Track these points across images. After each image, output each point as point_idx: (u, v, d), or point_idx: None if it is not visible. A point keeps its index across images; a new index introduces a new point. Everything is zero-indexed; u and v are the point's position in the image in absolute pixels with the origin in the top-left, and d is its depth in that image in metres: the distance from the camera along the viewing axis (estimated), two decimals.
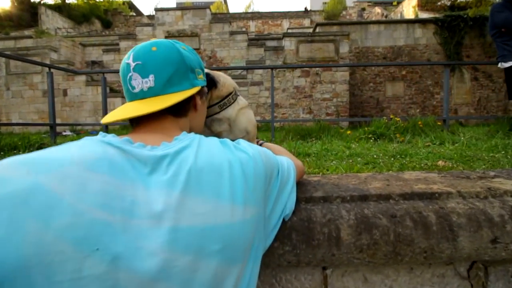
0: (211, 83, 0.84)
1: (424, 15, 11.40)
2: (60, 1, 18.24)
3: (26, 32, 12.31)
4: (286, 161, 0.70)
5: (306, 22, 18.30)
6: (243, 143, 0.59)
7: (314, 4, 28.34)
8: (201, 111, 0.70)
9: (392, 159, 1.71)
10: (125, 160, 0.44)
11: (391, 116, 3.31)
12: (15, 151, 2.50)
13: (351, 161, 1.65)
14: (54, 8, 16.80)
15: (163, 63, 0.57)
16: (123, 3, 21.68)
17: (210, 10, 11.23)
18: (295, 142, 2.76)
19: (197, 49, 10.63)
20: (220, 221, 0.45)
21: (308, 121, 3.85)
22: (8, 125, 7.71)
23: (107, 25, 18.48)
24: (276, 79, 8.83)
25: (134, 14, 20.88)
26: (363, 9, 19.30)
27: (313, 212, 0.77)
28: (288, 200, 0.67)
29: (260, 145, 1.00)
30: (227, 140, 0.57)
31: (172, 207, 0.42)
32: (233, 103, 0.95)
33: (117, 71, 3.82)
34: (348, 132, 3.33)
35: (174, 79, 0.57)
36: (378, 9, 17.06)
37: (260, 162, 0.54)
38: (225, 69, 9.65)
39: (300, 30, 13.76)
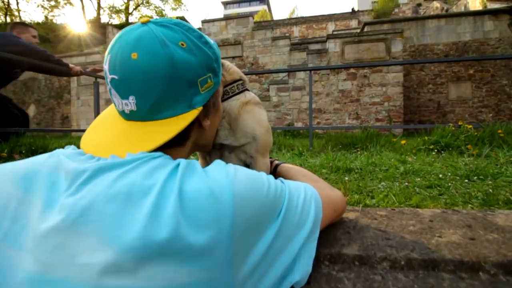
0: None
1: (494, 5, 9.81)
2: (124, 21, 20.48)
3: (96, 49, 13.94)
4: (303, 194, 0.49)
5: (353, 23, 17.38)
6: (216, 168, 0.42)
7: (362, 4, 26.89)
8: (212, 125, 0.55)
9: (467, 181, 1.28)
10: (50, 175, 0.39)
11: (460, 123, 2.71)
12: None
13: (406, 183, 1.26)
14: (120, 27, 18.88)
15: (146, 80, 0.42)
16: (177, 18, 23.33)
17: (253, 19, 11.31)
18: (335, 153, 2.40)
19: (239, 57, 10.76)
20: (108, 283, 0.31)
21: (353, 128, 3.37)
22: (77, 131, 8.70)
23: None
24: (319, 83, 8.40)
25: None
26: (419, 5, 17.63)
27: (341, 283, 0.48)
28: (299, 258, 0.45)
29: (275, 167, 0.75)
30: (194, 165, 0.42)
31: (49, 246, 0.33)
32: (237, 93, 0.71)
33: None
34: (403, 141, 2.82)
35: (162, 102, 0.43)
36: (437, 3, 15.38)
37: (228, 198, 0.38)
38: (263, 73, 9.53)
39: (347, 32, 13.05)
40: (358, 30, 10.55)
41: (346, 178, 1.38)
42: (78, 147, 0.48)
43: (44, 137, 3.58)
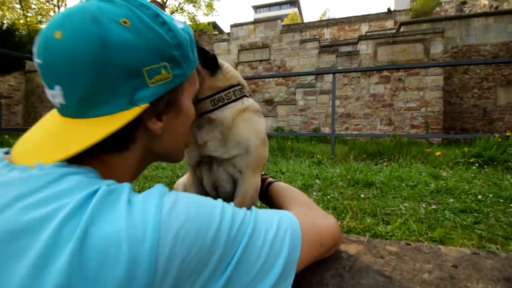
0: (210, 64, 0.57)
1: None
2: None
3: None
4: (275, 228, 0.39)
5: (389, 23, 16.54)
6: (148, 199, 0.33)
7: (399, 4, 25.51)
8: (171, 129, 0.43)
9: None
10: None
11: (508, 133, 2.36)
12: None
13: (433, 206, 1.07)
14: None
15: (71, 66, 0.33)
16: (208, 23, 24.07)
17: (282, 21, 11.23)
18: (358, 162, 2.21)
19: (267, 60, 10.72)
20: None
21: (379, 136, 2.98)
22: None
23: None
24: (349, 87, 8.06)
25: (217, 32, 22.85)
26: (464, 3, 16.29)
27: None
28: None
29: (268, 184, 0.65)
30: (119, 194, 0.32)
31: None
32: (233, 101, 0.62)
33: None
34: (438, 153, 2.53)
35: (92, 95, 0.34)
36: (484, 1, 14.06)
37: (148, 247, 0.29)
38: (284, 76, 9.38)
39: (380, 33, 12.43)
40: (394, 31, 9.97)
41: (362, 195, 1.21)
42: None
43: None
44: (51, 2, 20.38)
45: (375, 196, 1.25)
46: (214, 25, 25.59)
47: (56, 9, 20.42)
